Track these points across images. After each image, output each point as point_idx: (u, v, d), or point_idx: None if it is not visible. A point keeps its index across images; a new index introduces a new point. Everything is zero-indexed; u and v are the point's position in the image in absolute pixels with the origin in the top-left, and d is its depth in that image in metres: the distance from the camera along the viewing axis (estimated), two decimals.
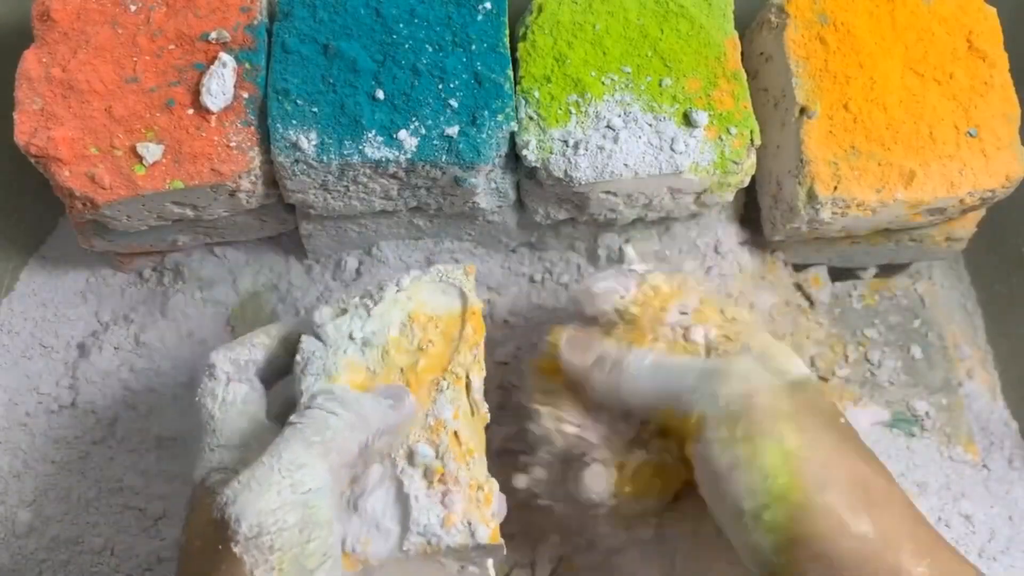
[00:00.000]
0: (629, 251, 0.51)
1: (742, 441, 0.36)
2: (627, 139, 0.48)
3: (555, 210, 0.52)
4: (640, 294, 0.44)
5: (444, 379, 0.41)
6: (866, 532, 0.34)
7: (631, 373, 0.40)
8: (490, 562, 0.40)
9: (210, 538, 0.35)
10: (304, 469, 0.35)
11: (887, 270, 0.60)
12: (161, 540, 0.51)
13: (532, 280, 0.57)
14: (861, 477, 0.36)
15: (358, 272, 0.56)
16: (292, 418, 0.38)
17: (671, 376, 0.40)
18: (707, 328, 0.42)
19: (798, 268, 0.59)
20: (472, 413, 0.41)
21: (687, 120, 0.49)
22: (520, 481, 0.44)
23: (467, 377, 0.42)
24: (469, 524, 0.38)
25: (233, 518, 0.34)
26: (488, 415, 0.42)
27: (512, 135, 0.48)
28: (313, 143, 0.47)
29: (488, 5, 0.50)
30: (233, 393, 0.41)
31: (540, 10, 0.51)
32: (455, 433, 0.40)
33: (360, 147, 0.47)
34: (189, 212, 0.50)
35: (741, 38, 0.52)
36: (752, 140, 0.49)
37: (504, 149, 0.48)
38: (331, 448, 0.37)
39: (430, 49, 0.49)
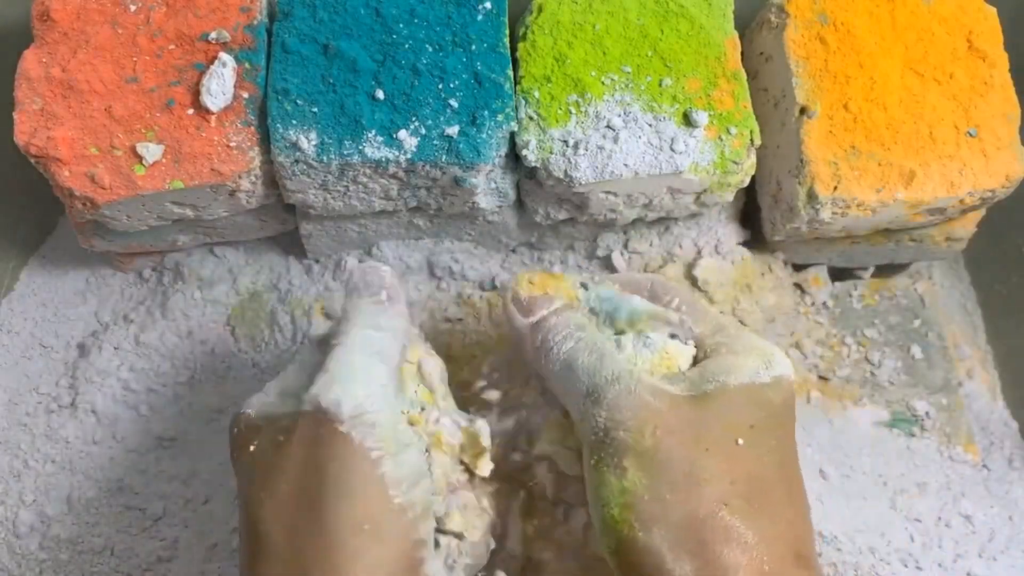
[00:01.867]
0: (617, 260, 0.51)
1: (595, 468, 0.38)
2: (627, 139, 0.48)
3: (555, 210, 0.52)
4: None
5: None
6: (684, 573, 0.35)
7: (550, 360, 0.41)
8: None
9: (304, 435, 0.36)
10: (371, 368, 0.38)
11: (887, 270, 0.60)
12: (161, 540, 0.51)
13: None
14: (698, 517, 0.36)
15: None
16: (334, 343, 0.39)
17: (571, 381, 0.40)
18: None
19: (798, 268, 0.59)
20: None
21: (687, 120, 0.49)
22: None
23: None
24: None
25: (334, 402, 0.36)
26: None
27: (512, 135, 0.48)
28: (313, 143, 0.47)
29: (488, 5, 0.50)
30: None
31: (540, 10, 0.51)
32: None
33: (360, 147, 0.47)
34: (189, 212, 0.50)
35: (741, 38, 0.52)
36: (752, 140, 0.49)
37: (504, 149, 0.48)
38: (383, 354, 0.39)
39: (430, 49, 0.49)
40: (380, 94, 0.47)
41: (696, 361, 0.41)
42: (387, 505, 0.36)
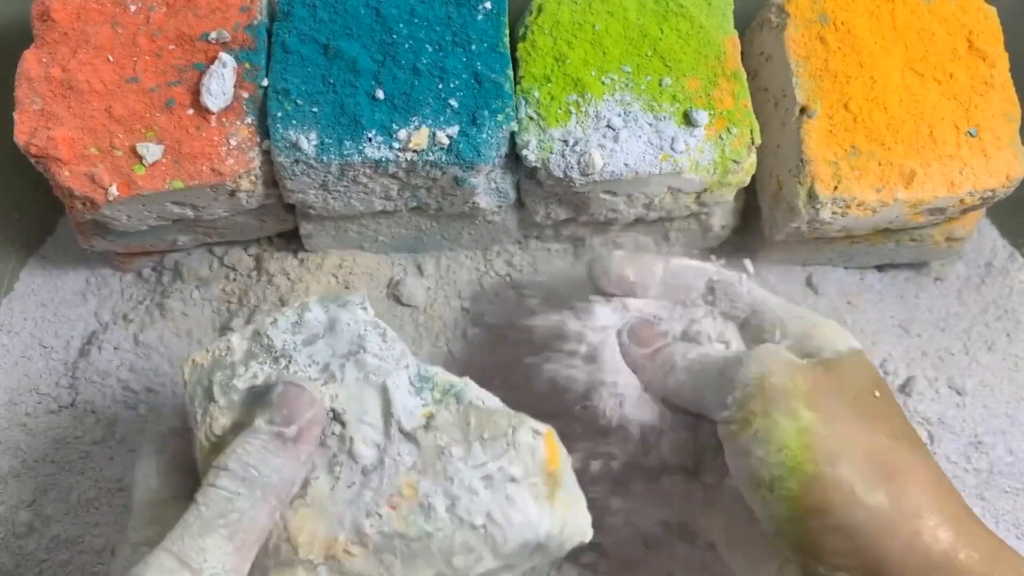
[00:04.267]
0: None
1: (759, 416, 0.38)
2: (627, 139, 0.48)
3: (555, 210, 0.52)
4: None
5: None
6: (880, 503, 0.35)
7: (675, 374, 0.42)
8: None
9: None
10: (206, 553, 0.34)
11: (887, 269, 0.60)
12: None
13: None
14: (878, 449, 0.37)
15: None
16: (196, 495, 0.35)
17: (704, 375, 0.41)
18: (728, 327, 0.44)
19: (798, 268, 0.59)
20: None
21: (687, 119, 0.49)
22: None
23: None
24: None
25: None
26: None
27: (512, 135, 0.48)
28: (313, 143, 0.47)
29: (488, 5, 0.50)
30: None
31: (540, 10, 0.51)
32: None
33: (360, 147, 0.47)
34: (189, 212, 0.50)
35: (741, 38, 0.52)
36: (752, 139, 0.49)
37: (504, 149, 0.48)
38: (237, 530, 0.35)
39: (430, 49, 0.49)
40: (380, 94, 0.47)
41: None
42: None
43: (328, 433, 0.38)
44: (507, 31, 0.50)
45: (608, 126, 0.48)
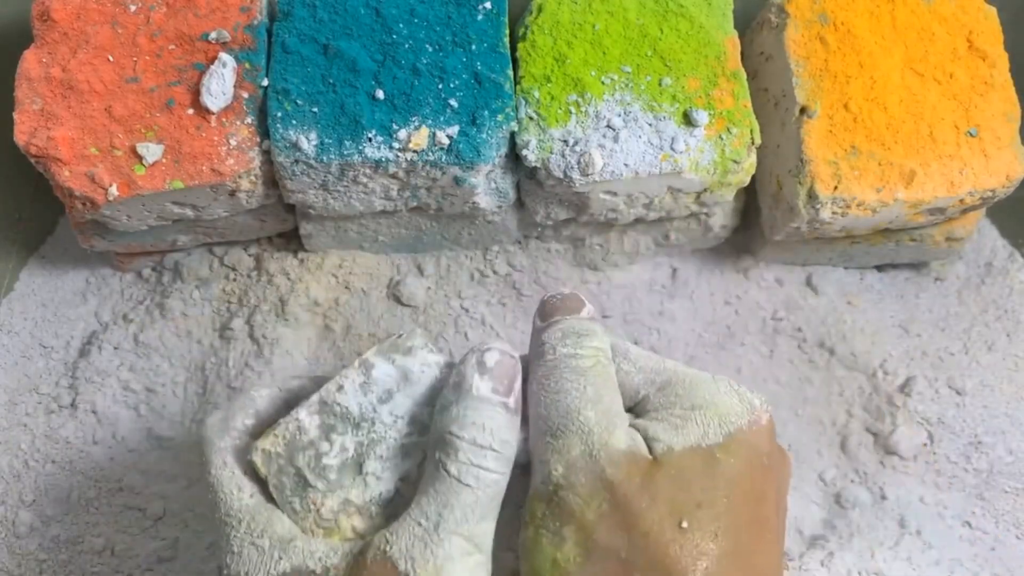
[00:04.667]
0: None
1: (532, 524, 0.36)
2: (627, 139, 0.48)
3: (555, 210, 0.52)
4: None
5: None
6: None
7: (566, 379, 0.37)
8: None
9: None
10: (488, 536, 0.35)
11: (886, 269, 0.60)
12: (161, 540, 0.51)
13: None
14: None
15: None
16: (455, 472, 0.35)
17: (555, 401, 0.37)
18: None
19: (798, 268, 0.59)
20: None
21: (687, 119, 0.49)
22: None
23: None
24: None
25: None
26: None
27: (512, 135, 0.48)
28: (313, 143, 0.47)
29: (488, 5, 0.50)
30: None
31: (540, 10, 0.51)
32: None
33: (360, 147, 0.47)
34: (189, 212, 0.50)
35: (741, 38, 0.52)
36: (752, 139, 0.49)
37: (504, 149, 0.48)
38: (498, 504, 0.36)
39: (430, 49, 0.49)
40: (380, 94, 0.47)
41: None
42: None
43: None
44: (507, 31, 0.50)
45: (608, 126, 0.48)
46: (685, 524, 0.34)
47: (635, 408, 0.39)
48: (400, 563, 0.34)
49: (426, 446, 0.37)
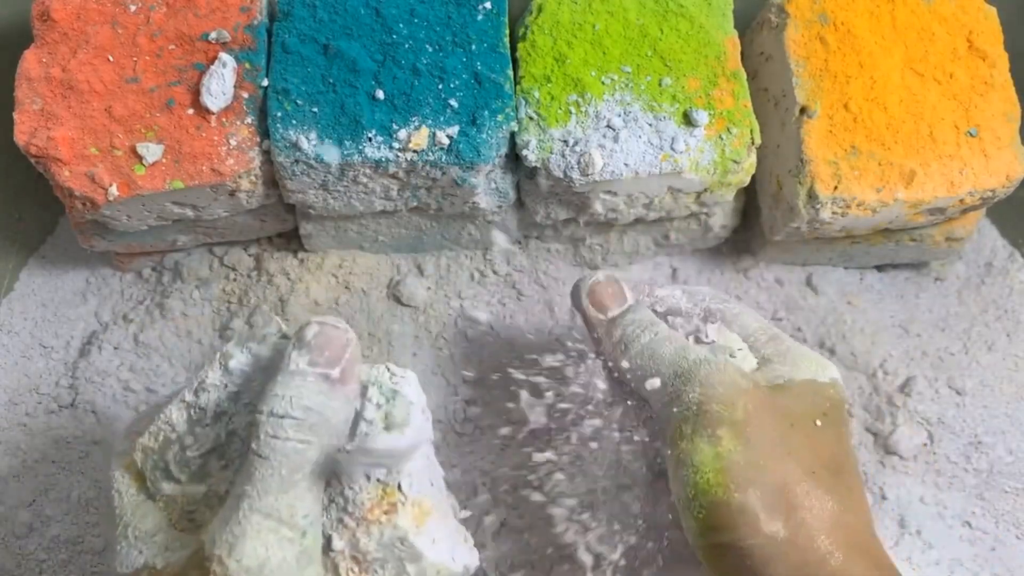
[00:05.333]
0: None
1: (688, 438, 0.40)
2: (627, 139, 0.48)
3: (555, 210, 0.52)
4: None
5: None
6: (775, 531, 0.38)
7: (628, 354, 0.43)
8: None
9: None
10: (294, 507, 0.34)
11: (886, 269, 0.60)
12: None
13: None
14: (790, 481, 0.39)
15: None
16: (259, 448, 0.35)
17: (654, 364, 0.42)
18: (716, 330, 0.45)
19: (798, 268, 0.59)
20: None
21: (687, 119, 0.49)
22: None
23: None
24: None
25: (232, 564, 0.33)
26: None
27: (512, 135, 0.48)
28: (313, 143, 0.47)
29: (488, 5, 0.50)
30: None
31: (540, 10, 0.51)
32: None
33: (360, 147, 0.47)
34: (189, 212, 0.50)
35: (741, 38, 0.52)
36: (752, 139, 0.49)
37: (504, 149, 0.48)
38: (313, 479, 0.35)
39: (430, 49, 0.49)
40: (380, 94, 0.47)
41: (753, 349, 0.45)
42: None
43: None
44: (507, 31, 0.50)
45: (608, 126, 0.48)
46: (819, 423, 0.42)
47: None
48: (207, 546, 0.34)
49: None
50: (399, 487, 0.37)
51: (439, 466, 0.41)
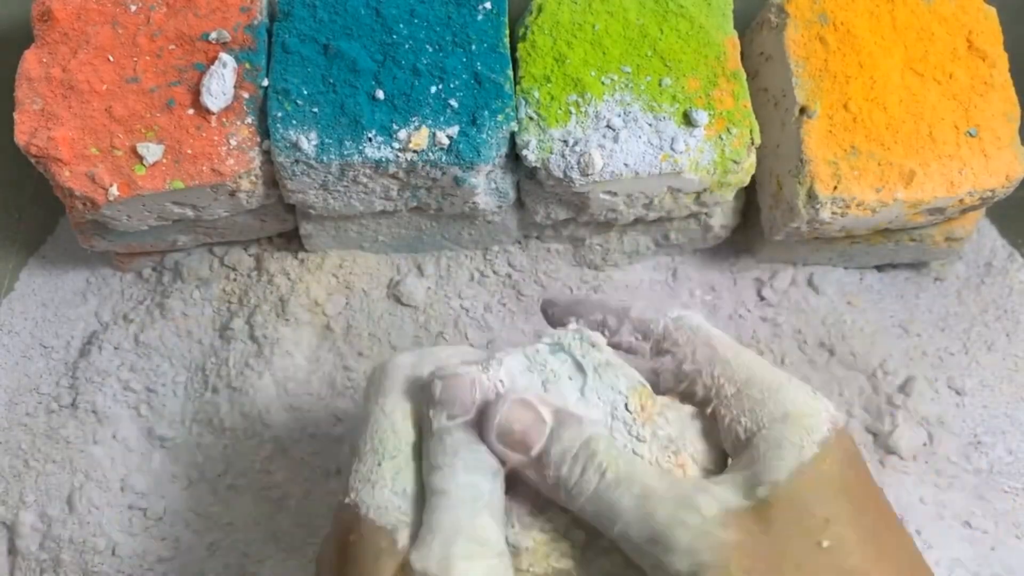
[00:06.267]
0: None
1: None
2: (627, 139, 0.48)
3: (555, 210, 0.52)
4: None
5: None
6: None
7: (578, 494, 0.35)
8: None
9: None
10: (477, 529, 0.34)
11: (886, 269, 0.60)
12: (162, 540, 0.51)
13: None
14: None
15: None
16: (434, 481, 0.35)
17: (625, 523, 0.34)
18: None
19: (798, 268, 0.59)
20: None
21: (687, 119, 0.49)
22: None
23: None
24: None
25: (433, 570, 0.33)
26: None
27: (512, 135, 0.48)
28: (313, 143, 0.47)
29: (488, 5, 0.50)
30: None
31: (540, 10, 0.51)
32: None
33: (360, 147, 0.47)
34: (189, 212, 0.50)
35: (741, 38, 0.52)
36: (752, 139, 0.49)
37: (504, 149, 0.48)
38: (487, 502, 0.35)
39: (430, 49, 0.49)
40: (380, 94, 0.47)
41: (724, 421, 0.36)
42: None
43: None
44: (507, 31, 0.50)
45: (608, 126, 0.48)
46: (826, 543, 0.33)
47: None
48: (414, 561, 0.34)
49: None
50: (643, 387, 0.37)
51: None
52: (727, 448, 0.37)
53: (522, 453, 0.36)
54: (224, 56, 0.48)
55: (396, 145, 0.47)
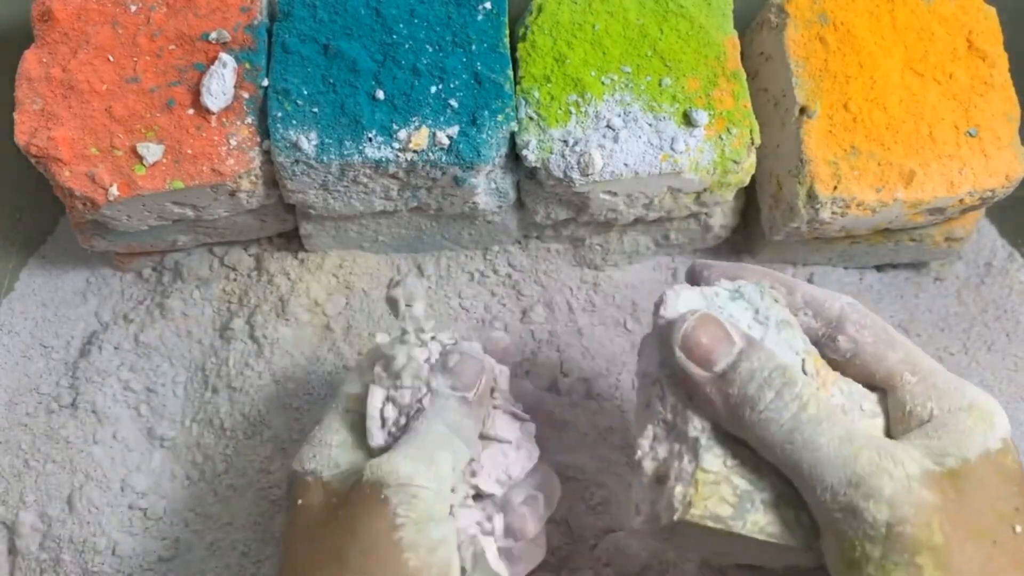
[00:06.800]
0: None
1: (877, 563, 0.34)
2: (627, 139, 0.48)
3: (555, 210, 0.52)
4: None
5: None
6: None
7: (770, 431, 0.34)
8: None
9: (353, 501, 0.38)
10: (440, 456, 0.38)
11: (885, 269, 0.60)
12: (162, 540, 0.51)
13: None
14: None
15: None
16: (415, 424, 0.40)
17: (818, 459, 0.34)
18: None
19: (798, 268, 0.59)
20: None
21: (687, 119, 0.49)
22: None
23: None
24: None
25: (392, 473, 0.37)
26: None
27: (512, 135, 0.48)
28: (313, 143, 0.47)
29: (488, 5, 0.50)
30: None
31: (540, 10, 0.51)
32: None
33: (360, 147, 0.47)
34: (189, 212, 0.50)
35: (741, 38, 0.52)
36: (752, 139, 0.49)
37: (504, 149, 0.48)
38: (452, 451, 0.39)
39: (430, 49, 0.49)
40: (380, 94, 0.47)
41: (896, 398, 0.37)
42: (398, 567, 0.36)
43: None
44: (507, 31, 0.50)
45: (608, 126, 0.48)
46: (1019, 529, 0.34)
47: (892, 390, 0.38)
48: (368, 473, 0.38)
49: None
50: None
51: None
52: (901, 430, 0.37)
53: (706, 369, 0.35)
54: (224, 56, 0.48)
55: (396, 145, 0.47)
